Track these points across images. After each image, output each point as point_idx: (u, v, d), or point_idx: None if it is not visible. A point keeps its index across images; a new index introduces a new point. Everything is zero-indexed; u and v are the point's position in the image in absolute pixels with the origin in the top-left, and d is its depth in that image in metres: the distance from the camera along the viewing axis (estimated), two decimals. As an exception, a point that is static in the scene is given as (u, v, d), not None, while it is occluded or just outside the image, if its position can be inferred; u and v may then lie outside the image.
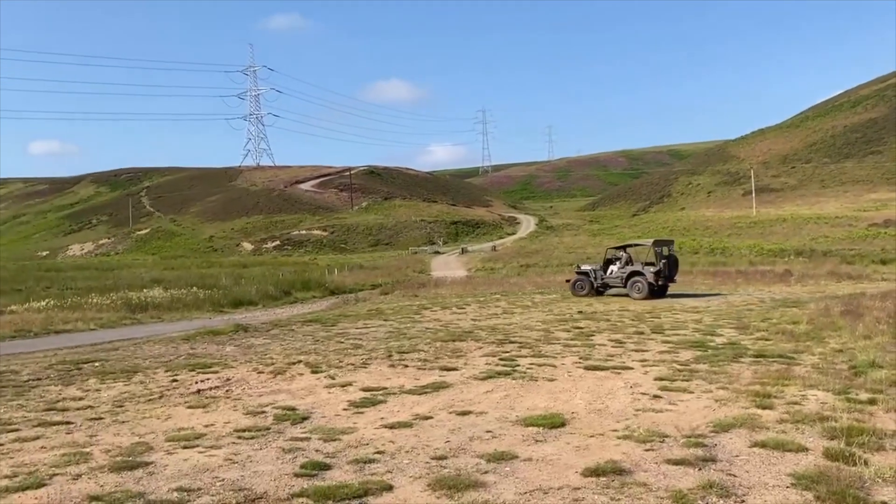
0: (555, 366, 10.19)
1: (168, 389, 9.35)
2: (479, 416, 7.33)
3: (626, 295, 22.97)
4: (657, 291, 22.72)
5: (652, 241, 25.36)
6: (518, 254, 60.78)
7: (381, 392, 8.65)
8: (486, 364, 10.49)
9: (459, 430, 6.79)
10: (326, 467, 5.64)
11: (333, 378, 9.67)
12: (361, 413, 7.63)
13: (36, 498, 5.03)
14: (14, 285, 41.50)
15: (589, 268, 25.06)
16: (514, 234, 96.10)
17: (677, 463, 5.55)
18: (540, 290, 28.20)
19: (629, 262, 23.94)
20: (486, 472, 5.43)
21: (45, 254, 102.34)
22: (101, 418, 7.75)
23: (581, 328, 14.69)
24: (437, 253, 76.73)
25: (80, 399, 8.94)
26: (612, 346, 12.02)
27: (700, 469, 5.40)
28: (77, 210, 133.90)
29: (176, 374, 10.41)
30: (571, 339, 12.97)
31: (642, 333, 13.67)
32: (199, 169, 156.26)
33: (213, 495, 4.97)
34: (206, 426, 7.14)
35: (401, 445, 6.29)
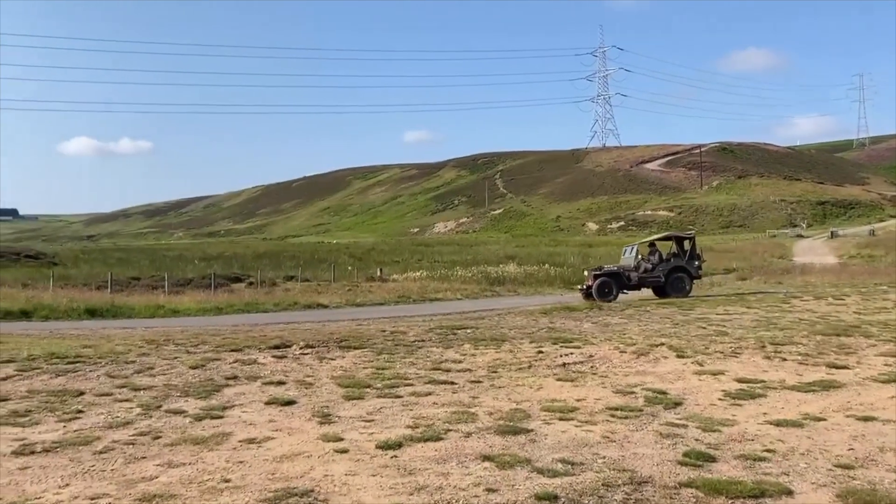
0: (984, 374, 8.34)
1: (535, 360, 9.72)
2: (887, 425, 6.27)
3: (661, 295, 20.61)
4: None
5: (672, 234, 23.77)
6: (905, 239, 52.05)
7: (758, 385, 7.92)
8: (886, 365, 9.01)
9: (863, 438, 5.87)
10: (711, 459, 5.26)
11: (701, 365, 9.14)
12: (739, 405, 7.05)
13: (436, 450, 5.50)
14: (393, 257, 47.79)
15: (617, 268, 21.58)
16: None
17: None
18: (941, 282, 23.70)
19: (664, 258, 21.46)
20: (911, 493, 4.56)
21: (416, 230, 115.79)
22: (479, 381, 8.33)
23: None
24: (800, 237, 69.45)
25: (459, 362, 9.73)
26: None
27: None
28: (442, 192, 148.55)
29: (540, 346, 10.80)
30: None
31: None
32: (547, 152, 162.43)
33: (596, 471, 4.93)
34: (578, 400, 7.22)
35: (793, 446, 5.63)
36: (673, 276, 21.18)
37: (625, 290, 20.97)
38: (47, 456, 5.44)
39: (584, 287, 21.37)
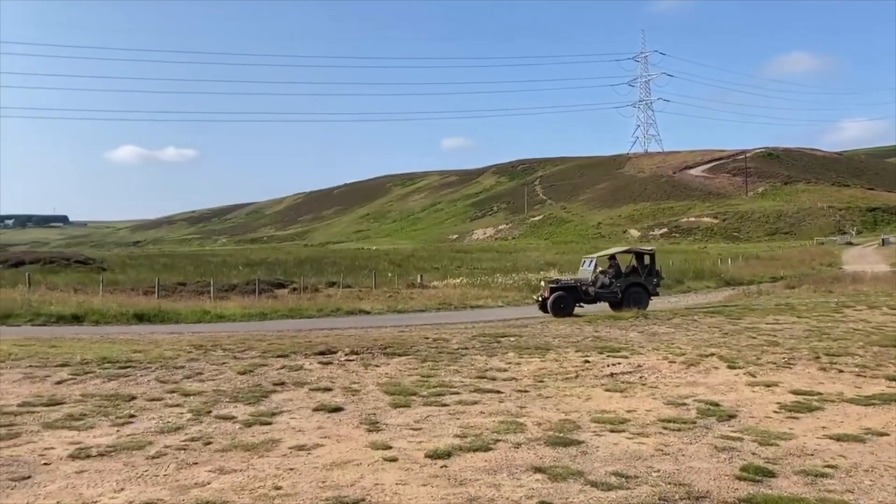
0: None
1: (582, 370, 9.59)
2: (956, 442, 6.01)
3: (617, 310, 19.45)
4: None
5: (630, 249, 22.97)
6: (962, 247, 50.29)
7: (815, 397, 7.68)
8: (950, 378, 8.67)
9: (931, 455, 5.64)
10: (770, 474, 5.10)
11: (754, 376, 8.91)
12: (796, 418, 6.84)
13: (486, 461, 5.43)
14: (433, 263, 47.84)
15: (574, 281, 20.57)
16: (953, 223, 80.00)
17: None
18: None
19: (622, 272, 20.71)
20: None
21: (454, 237, 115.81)
22: (526, 391, 8.23)
23: None
24: (850, 244, 67.71)
25: (504, 370, 9.64)
26: None
27: None
28: (481, 199, 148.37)
29: (587, 356, 10.65)
30: None
31: None
32: (587, 158, 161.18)
33: (652, 485, 4.81)
34: (628, 411, 7.08)
35: (855, 462, 5.43)
36: (630, 290, 20.47)
37: (581, 304, 20.15)
38: (102, 460, 5.52)
39: (540, 299, 20.45)
